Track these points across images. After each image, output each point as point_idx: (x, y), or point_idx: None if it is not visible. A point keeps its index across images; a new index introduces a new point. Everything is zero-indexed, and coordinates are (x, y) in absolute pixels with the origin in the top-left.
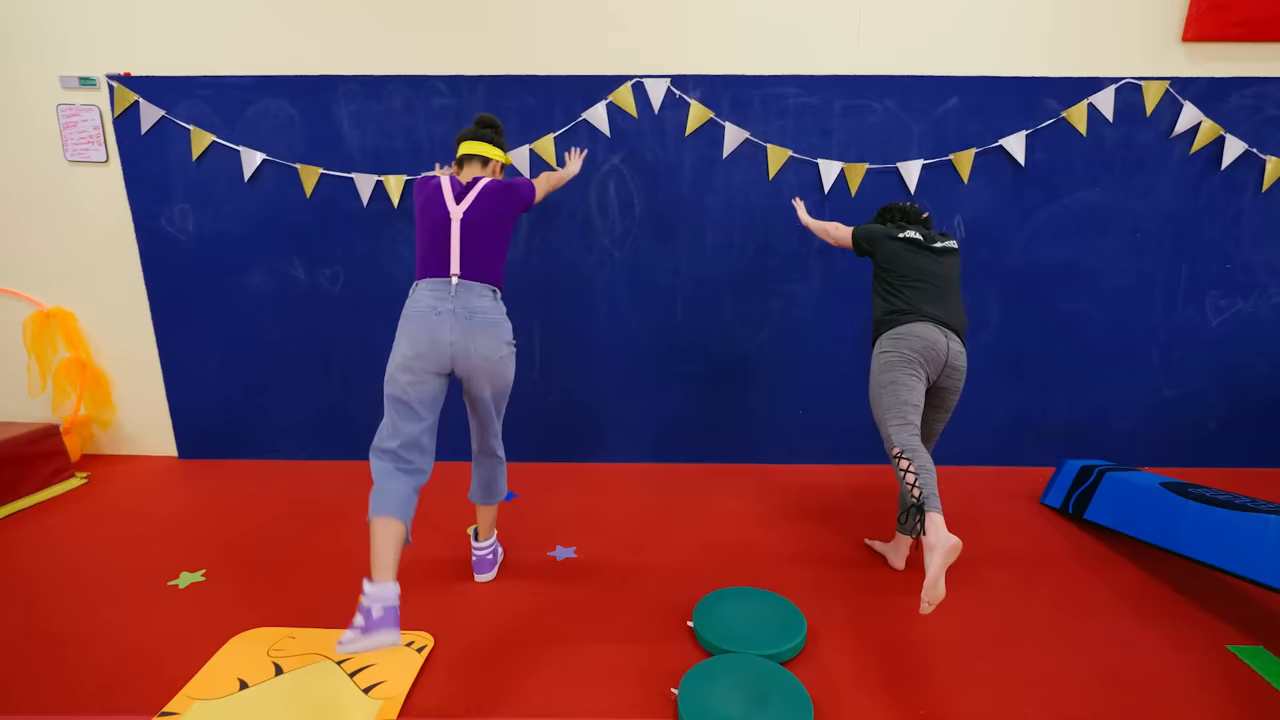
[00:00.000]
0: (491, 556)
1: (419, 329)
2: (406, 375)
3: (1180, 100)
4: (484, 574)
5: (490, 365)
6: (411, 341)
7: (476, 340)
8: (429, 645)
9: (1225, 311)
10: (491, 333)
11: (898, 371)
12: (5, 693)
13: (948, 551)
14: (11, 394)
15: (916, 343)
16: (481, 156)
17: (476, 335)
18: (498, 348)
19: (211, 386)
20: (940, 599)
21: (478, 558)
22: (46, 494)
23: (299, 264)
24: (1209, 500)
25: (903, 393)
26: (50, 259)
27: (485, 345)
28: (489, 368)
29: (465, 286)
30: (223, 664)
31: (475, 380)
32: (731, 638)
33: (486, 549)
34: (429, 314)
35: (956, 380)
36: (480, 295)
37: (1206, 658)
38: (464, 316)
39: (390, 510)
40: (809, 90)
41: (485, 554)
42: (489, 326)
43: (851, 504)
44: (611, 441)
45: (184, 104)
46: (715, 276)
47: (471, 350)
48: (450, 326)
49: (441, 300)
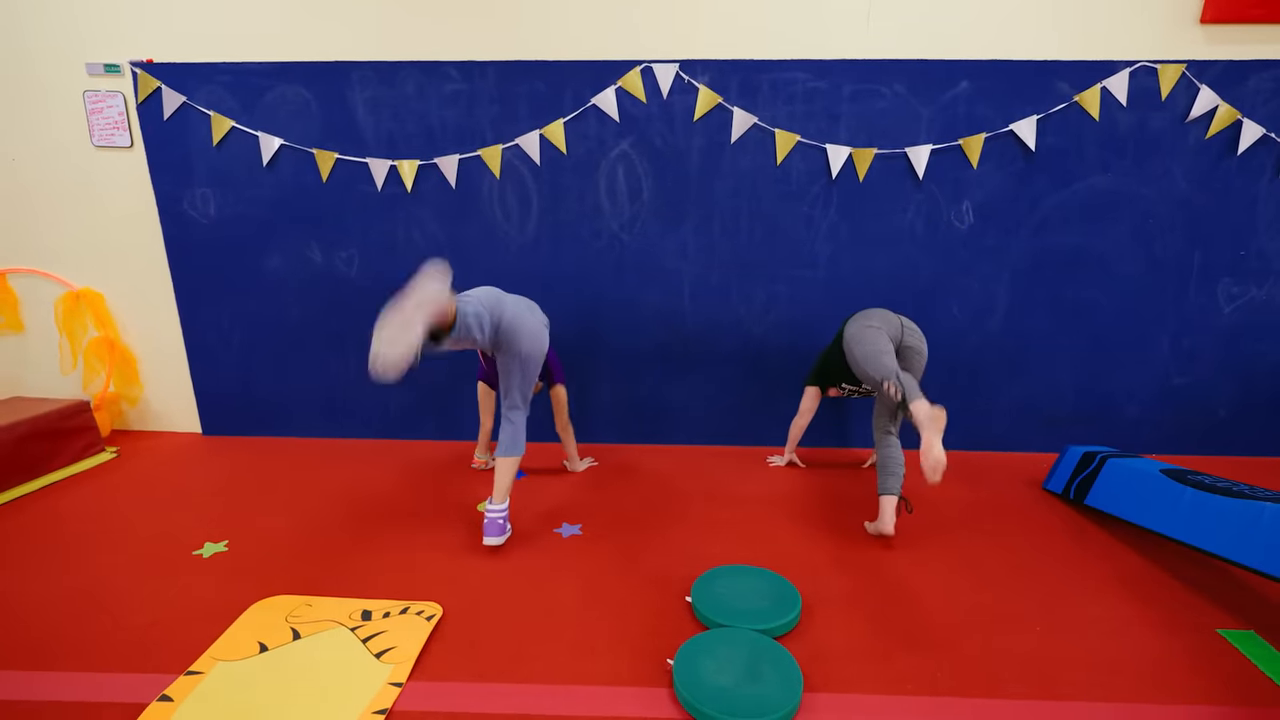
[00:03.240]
0: (502, 521)
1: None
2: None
3: (1197, 84)
4: (492, 537)
5: (529, 328)
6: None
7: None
8: (438, 614)
9: (1238, 299)
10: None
11: (871, 329)
12: (44, 650)
13: (932, 419)
14: (45, 371)
15: (874, 317)
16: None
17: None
18: (538, 316)
19: (233, 365)
20: (941, 464)
21: (489, 520)
22: (78, 467)
23: (316, 247)
24: (1207, 487)
25: (881, 340)
26: (79, 241)
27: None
28: (534, 335)
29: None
30: (244, 628)
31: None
32: (728, 613)
33: (499, 512)
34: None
35: (916, 340)
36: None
37: (1197, 641)
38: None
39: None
40: (818, 75)
41: (497, 517)
42: (532, 308)
43: (850, 487)
44: (617, 424)
45: (204, 90)
46: (723, 261)
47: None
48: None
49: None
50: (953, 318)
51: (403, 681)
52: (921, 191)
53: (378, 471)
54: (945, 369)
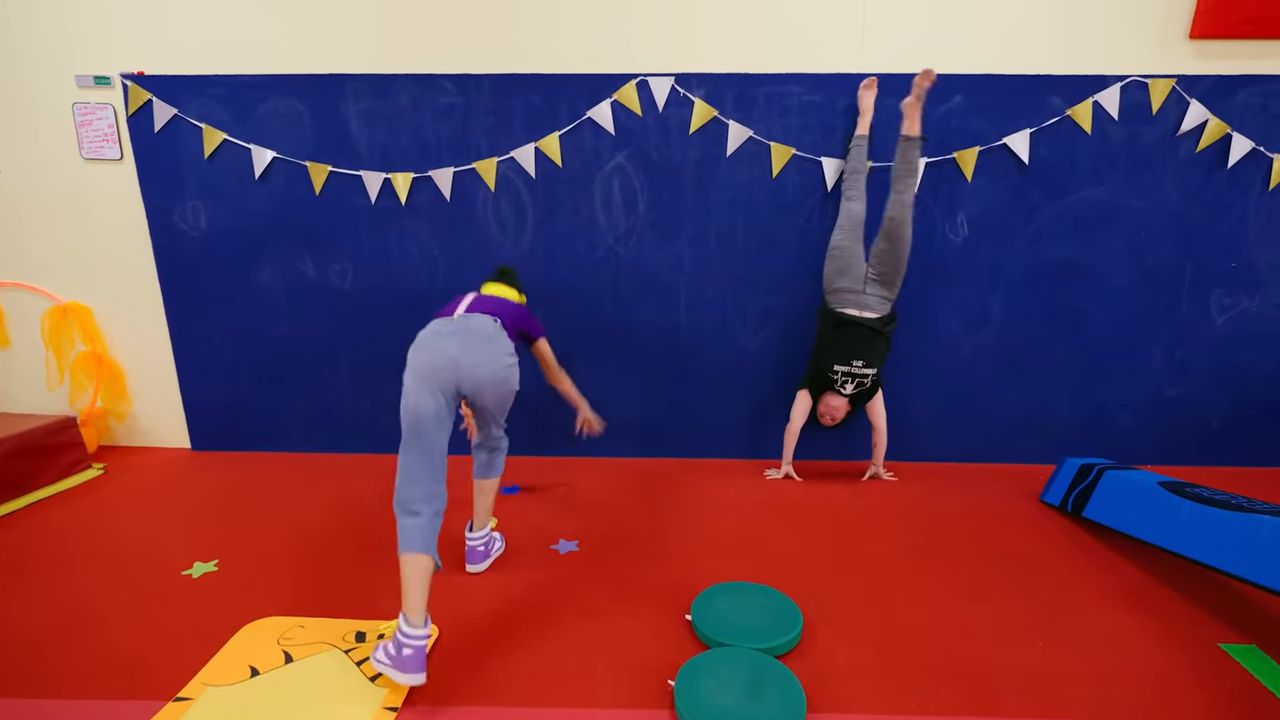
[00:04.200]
0: (483, 549)
1: (424, 350)
2: (413, 401)
3: (1187, 98)
4: (475, 565)
5: (496, 376)
6: (417, 364)
7: (481, 355)
8: (433, 635)
9: (1230, 310)
10: (494, 346)
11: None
12: (25, 675)
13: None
14: (30, 387)
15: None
16: (498, 297)
17: (479, 350)
18: (500, 359)
19: (223, 380)
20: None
21: (470, 548)
22: (65, 484)
23: (309, 260)
24: (1205, 500)
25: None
26: (67, 255)
27: (489, 359)
28: (495, 378)
29: (468, 317)
30: (235, 651)
31: (483, 389)
32: (728, 631)
33: (480, 540)
34: (431, 337)
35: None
36: (482, 321)
37: (1198, 655)
38: (463, 332)
39: (413, 546)
40: (813, 89)
41: (477, 545)
42: (490, 341)
43: (849, 500)
44: (614, 436)
45: (196, 102)
46: (719, 274)
47: (479, 364)
48: (454, 344)
49: (445, 325)
50: (948, 329)
51: (398, 706)
52: (917, 204)
53: (371, 487)
54: (941, 380)
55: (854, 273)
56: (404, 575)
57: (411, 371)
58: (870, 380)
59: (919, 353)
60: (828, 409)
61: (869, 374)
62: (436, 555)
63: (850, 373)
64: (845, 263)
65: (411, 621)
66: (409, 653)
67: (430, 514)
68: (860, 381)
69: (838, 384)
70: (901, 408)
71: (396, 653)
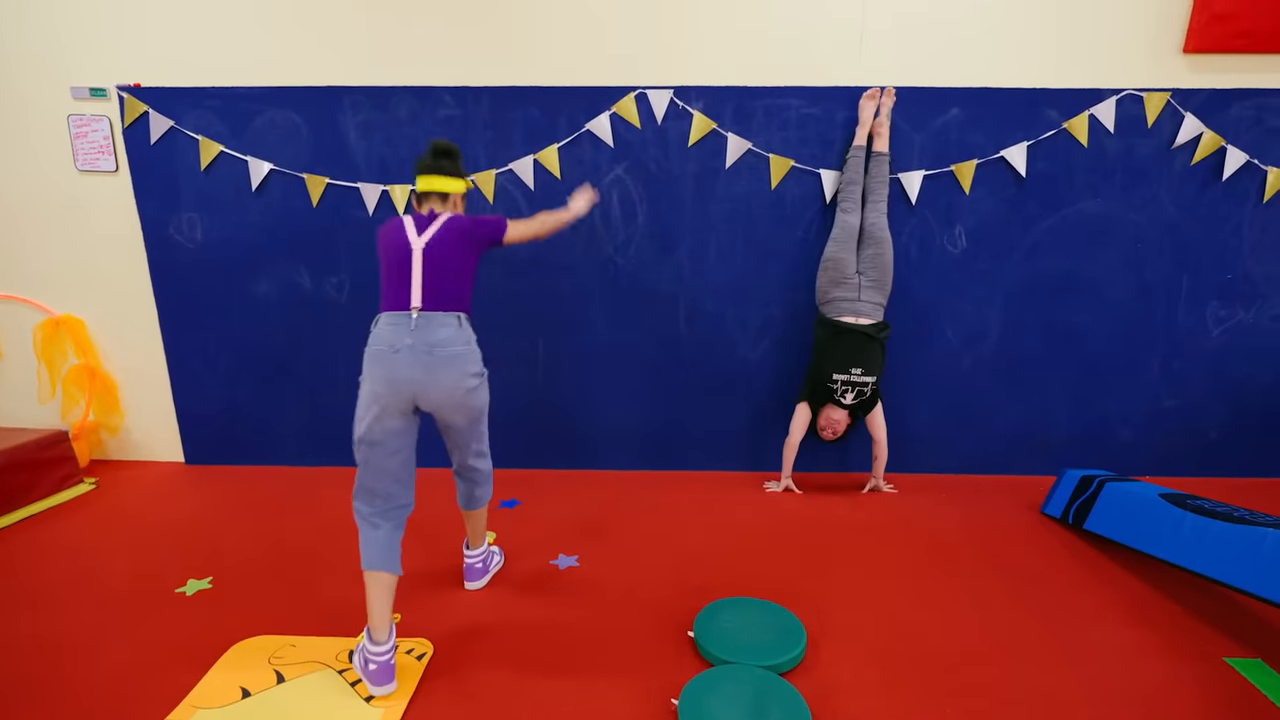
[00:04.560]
0: (481, 565)
1: (378, 369)
2: (370, 417)
3: (1181, 111)
4: (473, 582)
5: (456, 400)
6: (371, 383)
7: (438, 377)
8: (429, 653)
9: (1226, 322)
10: (454, 366)
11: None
12: (10, 698)
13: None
14: (21, 400)
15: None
16: (440, 193)
17: (437, 372)
18: (462, 381)
19: (218, 393)
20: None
21: (468, 565)
22: (56, 499)
23: (305, 273)
24: (1207, 513)
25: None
26: (60, 267)
27: (448, 381)
28: (455, 402)
29: (426, 318)
30: (224, 672)
31: (443, 414)
32: (732, 648)
33: (477, 557)
34: (387, 353)
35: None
36: (442, 325)
37: (1203, 670)
38: (423, 352)
39: (375, 564)
40: (811, 101)
41: (475, 562)
42: (451, 360)
43: (849, 512)
44: (614, 449)
45: (192, 114)
46: (718, 285)
47: (433, 389)
48: (409, 364)
49: (400, 335)
50: (947, 341)
51: None
52: (915, 216)
53: None
54: (940, 392)
55: (849, 282)
56: (367, 591)
57: (369, 382)
58: (869, 390)
59: (918, 364)
60: (828, 422)
61: (868, 382)
62: (399, 566)
63: (850, 381)
64: (840, 273)
65: (375, 638)
66: (374, 668)
67: (391, 527)
68: (860, 390)
69: (837, 393)
70: (901, 420)
71: (364, 666)
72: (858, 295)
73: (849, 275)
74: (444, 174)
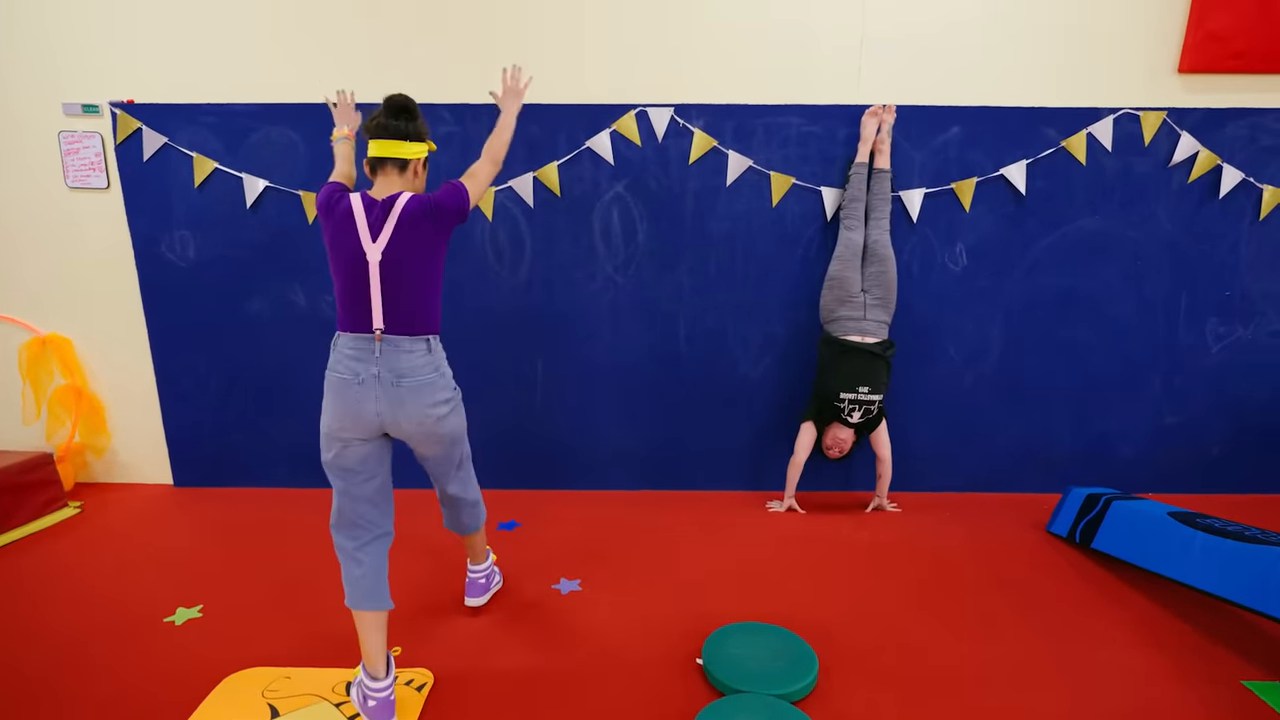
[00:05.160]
0: (484, 581)
1: (341, 401)
2: (337, 445)
3: (1178, 130)
4: (474, 598)
5: (426, 429)
6: (336, 413)
7: (406, 408)
8: (429, 683)
9: (1225, 338)
10: (422, 396)
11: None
12: None
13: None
14: (5, 421)
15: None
16: (397, 160)
17: (405, 403)
18: (432, 409)
19: (209, 413)
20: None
21: (471, 580)
22: (39, 524)
23: (300, 291)
24: (1218, 531)
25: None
26: (48, 285)
27: (416, 412)
28: (425, 431)
29: (391, 344)
30: (215, 707)
31: (415, 443)
32: (742, 676)
33: (480, 572)
34: (351, 383)
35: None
36: (409, 351)
37: (1221, 693)
38: (390, 384)
39: (361, 603)
40: (812, 119)
41: (478, 577)
42: (419, 390)
43: (854, 532)
44: (614, 469)
45: (186, 131)
46: (719, 304)
47: (401, 419)
48: (375, 396)
49: (364, 364)
50: (949, 358)
51: None
52: (916, 234)
53: None
54: (942, 410)
55: (854, 300)
56: (359, 630)
57: (333, 415)
58: (876, 408)
59: (920, 382)
60: (835, 441)
61: (875, 401)
62: (388, 600)
63: (857, 400)
64: (846, 291)
65: (373, 674)
66: (374, 704)
67: (374, 562)
68: (867, 409)
69: (844, 412)
70: (903, 438)
71: (363, 702)
72: (863, 314)
73: (854, 294)
74: (402, 137)
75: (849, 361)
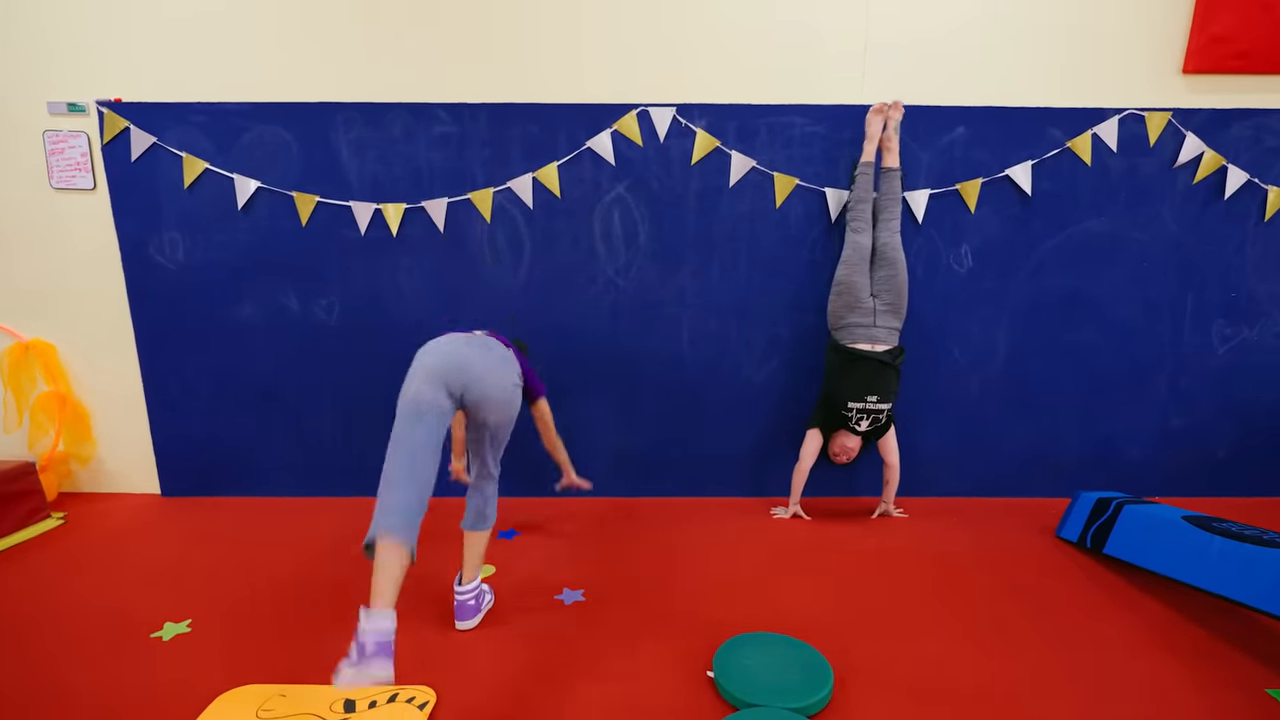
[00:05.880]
0: (474, 602)
1: (432, 356)
2: (418, 380)
3: (1183, 131)
4: (466, 621)
5: (502, 394)
6: (422, 364)
7: (491, 369)
8: (431, 701)
9: (1231, 340)
10: (505, 367)
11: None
12: None
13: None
14: None
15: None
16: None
17: (492, 364)
18: (509, 378)
19: (198, 421)
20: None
21: (459, 602)
22: (20, 536)
23: (293, 294)
24: (1235, 535)
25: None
26: (31, 289)
27: (499, 375)
28: (501, 396)
29: (485, 334)
30: None
31: (484, 407)
32: (755, 689)
33: (469, 593)
34: (448, 342)
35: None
36: (497, 343)
37: (1244, 700)
38: (479, 345)
39: (393, 527)
40: (816, 119)
41: (468, 599)
42: (502, 361)
43: (861, 539)
44: (616, 475)
45: (176, 130)
46: (722, 306)
47: (487, 376)
48: (468, 350)
49: (460, 335)
50: (954, 361)
51: None
52: (921, 235)
53: (358, 533)
54: (948, 413)
55: (863, 307)
56: (377, 561)
57: (419, 369)
58: (885, 416)
59: (926, 386)
60: (842, 449)
61: (884, 409)
62: (414, 548)
63: (865, 409)
64: (854, 297)
65: (376, 608)
66: (373, 647)
67: (409, 515)
68: (875, 418)
69: (852, 421)
70: (909, 442)
71: (359, 653)
72: (873, 320)
73: (863, 300)
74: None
75: (858, 370)
